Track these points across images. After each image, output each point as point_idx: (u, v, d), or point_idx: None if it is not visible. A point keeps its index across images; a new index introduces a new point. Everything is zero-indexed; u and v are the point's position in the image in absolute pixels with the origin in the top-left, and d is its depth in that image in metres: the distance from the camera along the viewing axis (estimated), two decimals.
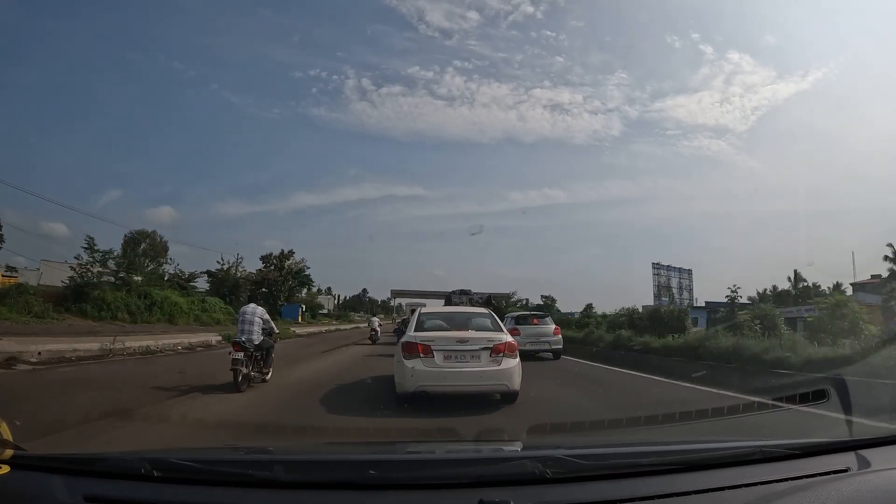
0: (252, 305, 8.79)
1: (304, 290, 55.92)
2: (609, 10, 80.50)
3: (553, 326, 14.94)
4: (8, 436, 1.79)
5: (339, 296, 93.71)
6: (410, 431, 5.13)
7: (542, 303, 35.81)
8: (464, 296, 28.65)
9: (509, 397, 6.62)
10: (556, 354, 14.33)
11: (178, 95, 74.98)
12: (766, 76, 78.69)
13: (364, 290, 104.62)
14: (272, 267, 48.49)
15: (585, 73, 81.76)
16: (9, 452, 1.59)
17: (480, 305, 26.72)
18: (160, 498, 1.45)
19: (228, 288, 39.03)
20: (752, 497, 1.47)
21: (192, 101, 77.46)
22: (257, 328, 8.33)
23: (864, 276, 32.57)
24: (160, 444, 4.07)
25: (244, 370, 7.70)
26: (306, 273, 53.96)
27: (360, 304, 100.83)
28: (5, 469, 1.51)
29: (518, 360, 6.70)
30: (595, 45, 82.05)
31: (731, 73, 78.14)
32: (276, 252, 49.39)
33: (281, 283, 47.51)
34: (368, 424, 5.69)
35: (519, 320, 15.32)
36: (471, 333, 6.83)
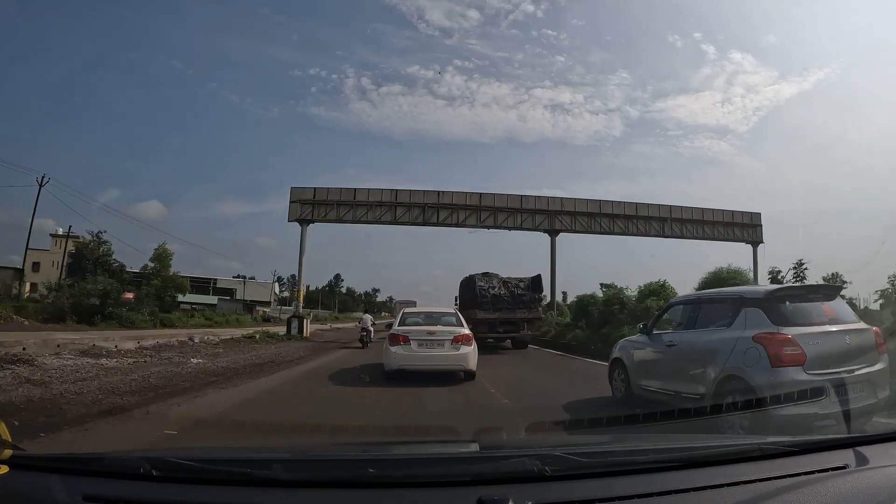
0: None
1: None
2: (610, 9, 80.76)
3: (870, 328, 5.31)
4: (7, 436, 1.79)
5: (308, 286, 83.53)
6: (409, 430, 5.12)
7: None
8: (491, 278, 21.26)
9: (469, 375, 8.57)
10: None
11: (176, 94, 75.09)
12: (768, 76, 78.99)
13: (337, 276, 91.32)
14: None
15: (586, 72, 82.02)
16: (7, 452, 1.58)
17: (524, 291, 19.78)
18: (159, 497, 1.45)
19: None
20: (751, 494, 1.47)
21: (191, 100, 77.48)
22: None
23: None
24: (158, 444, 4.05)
25: None
26: None
27: (330, 297, 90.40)
28: (4, 469, 1.50)
29: (473, 346, 8.77)
30: (596, 45, 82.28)
31: (732, 73, 78.43)
32: None
33: None
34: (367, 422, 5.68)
35: (785, 309, 5.14)
36: (438, 328, 8.95)
